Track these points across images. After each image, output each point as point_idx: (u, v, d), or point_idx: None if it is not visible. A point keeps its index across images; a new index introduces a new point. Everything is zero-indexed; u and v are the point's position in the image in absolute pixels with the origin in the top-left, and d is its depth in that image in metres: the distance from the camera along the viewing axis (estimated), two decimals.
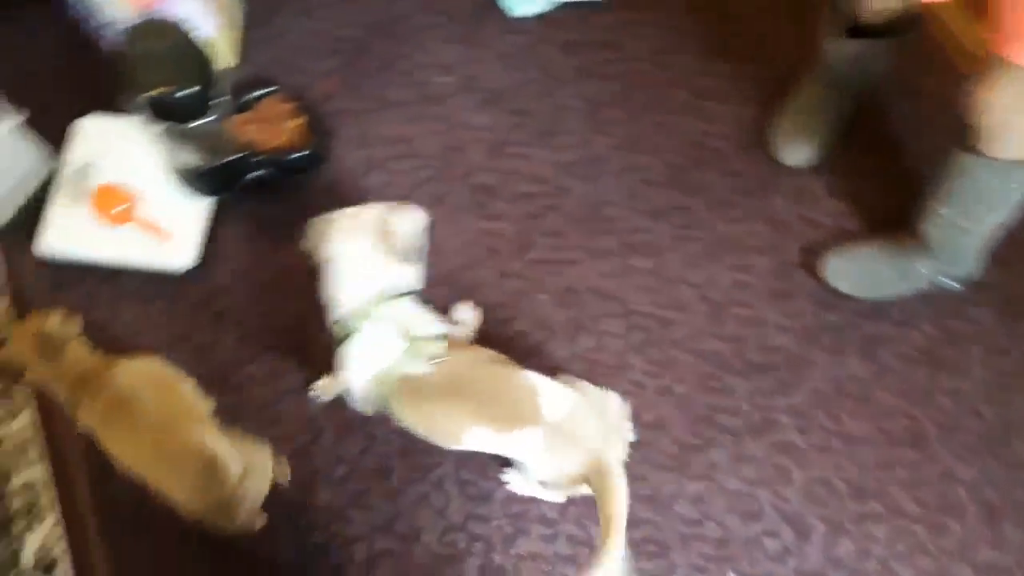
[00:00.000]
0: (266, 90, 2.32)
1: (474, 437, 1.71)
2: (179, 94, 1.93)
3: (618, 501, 1.59)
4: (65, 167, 2.32)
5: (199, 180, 2.24)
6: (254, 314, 2.24)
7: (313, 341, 2.19)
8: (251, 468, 1.76)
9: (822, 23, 2.14)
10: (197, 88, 1.94)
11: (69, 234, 2.25)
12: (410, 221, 1.78)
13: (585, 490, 1.69)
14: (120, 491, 2.10)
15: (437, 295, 2.06)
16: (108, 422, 1.75)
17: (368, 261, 1.77)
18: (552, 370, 2.10)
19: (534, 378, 1.71)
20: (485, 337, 2.10)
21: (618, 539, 1.55)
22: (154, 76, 1.92)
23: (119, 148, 2.32)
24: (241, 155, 2.22)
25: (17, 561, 2.08)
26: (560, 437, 1.65)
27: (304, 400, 2.14)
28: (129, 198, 2.25)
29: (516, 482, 2.00)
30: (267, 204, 2.33)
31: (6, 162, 2.25)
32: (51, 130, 2.37)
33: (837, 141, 2.31)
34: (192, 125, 2.01)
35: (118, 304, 2.25)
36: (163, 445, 1.71)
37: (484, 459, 2.06)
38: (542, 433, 1.64)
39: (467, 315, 2.12)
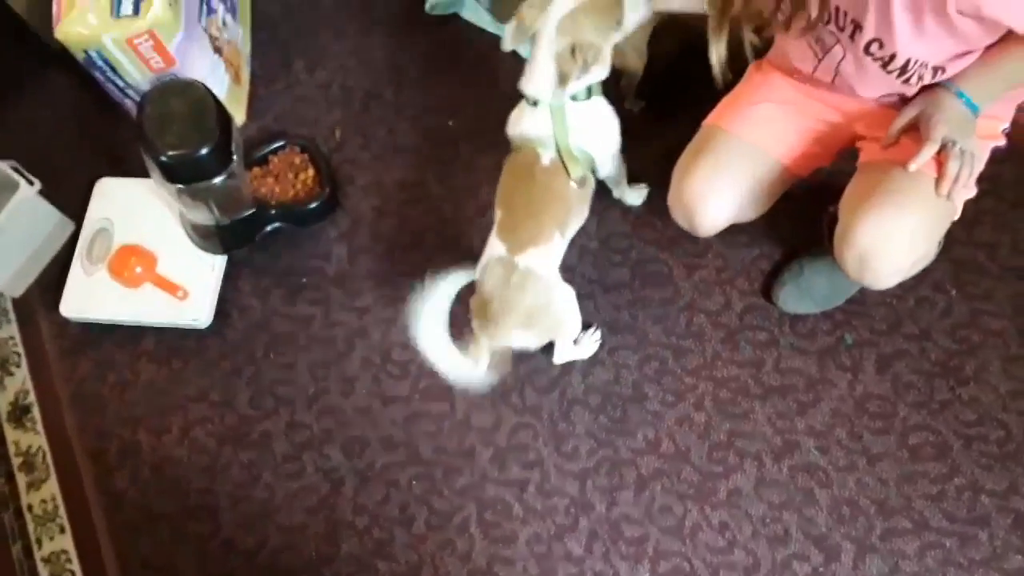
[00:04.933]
0: (276, 144, 2.37)
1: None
2: (198, 153, 1.97)
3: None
4: (84, 230, 2.37)
5: (216, 237, 2.28)
6: (269, 368, 2.27)
7: (325, 392, 2.23)
8: None
9: None
10: (216, 147, 1.97)
11: (89, 297, 2.30)
12: None
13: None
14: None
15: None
16: None
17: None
18: (570, 402, 2.12)
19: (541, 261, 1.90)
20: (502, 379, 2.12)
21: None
22: (173, 136, 1.96)
23: (136, 209, 2.36)
24: (256, 210, 2.25)
25: None
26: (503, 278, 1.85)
27: (322, 452, 2.17)
28: (146, 259, 2.29)
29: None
30: (280, 257, 2.37)
31: (25, 230, 2.30)
32: (70, 194, 2.43)
33: None
34: (209, 183, 2.03)
35: (137, 364, 2.30)
36: None
37: (507, 500, 2.08)
38: (501, 265, 1.86)
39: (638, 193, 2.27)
